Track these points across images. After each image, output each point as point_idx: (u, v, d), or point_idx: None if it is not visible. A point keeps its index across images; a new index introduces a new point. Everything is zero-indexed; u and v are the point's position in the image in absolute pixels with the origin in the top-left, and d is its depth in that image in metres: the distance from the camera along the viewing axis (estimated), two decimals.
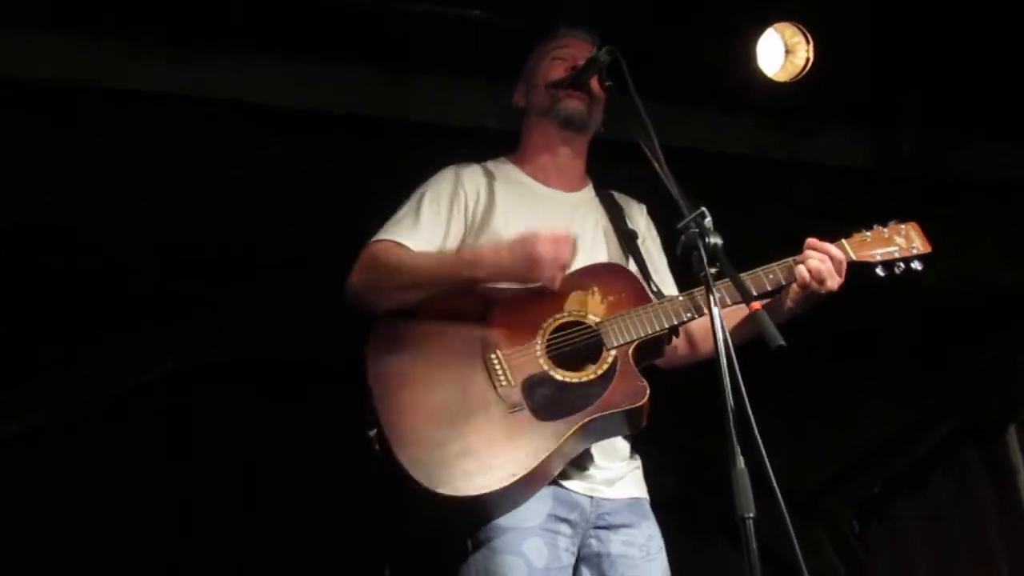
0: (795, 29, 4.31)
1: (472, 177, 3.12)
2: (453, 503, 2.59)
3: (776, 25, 4.32)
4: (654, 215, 3.29)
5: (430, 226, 2.99)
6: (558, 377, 2.75)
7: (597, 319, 2.84)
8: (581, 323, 2.85)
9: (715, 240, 2.43)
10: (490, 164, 3.22)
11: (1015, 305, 5.55)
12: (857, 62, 4.51)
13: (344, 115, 4.41)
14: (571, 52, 3.20)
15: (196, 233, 4.55)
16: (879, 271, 2.95)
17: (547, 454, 2.65)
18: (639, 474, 2.98)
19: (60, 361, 4.72)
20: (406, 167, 4.40)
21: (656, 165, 2.70)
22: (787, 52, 4.34)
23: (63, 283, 4.57)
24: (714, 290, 2.40)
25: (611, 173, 3.31)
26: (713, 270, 2.42)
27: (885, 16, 4.41)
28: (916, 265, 2.97)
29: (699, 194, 2.59)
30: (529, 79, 3.27)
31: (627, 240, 3.15)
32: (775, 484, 2.14)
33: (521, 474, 2.62)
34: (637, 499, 2.93)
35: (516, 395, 2.72)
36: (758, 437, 2.15)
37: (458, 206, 3.04)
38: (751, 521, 2.13)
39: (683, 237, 2.46)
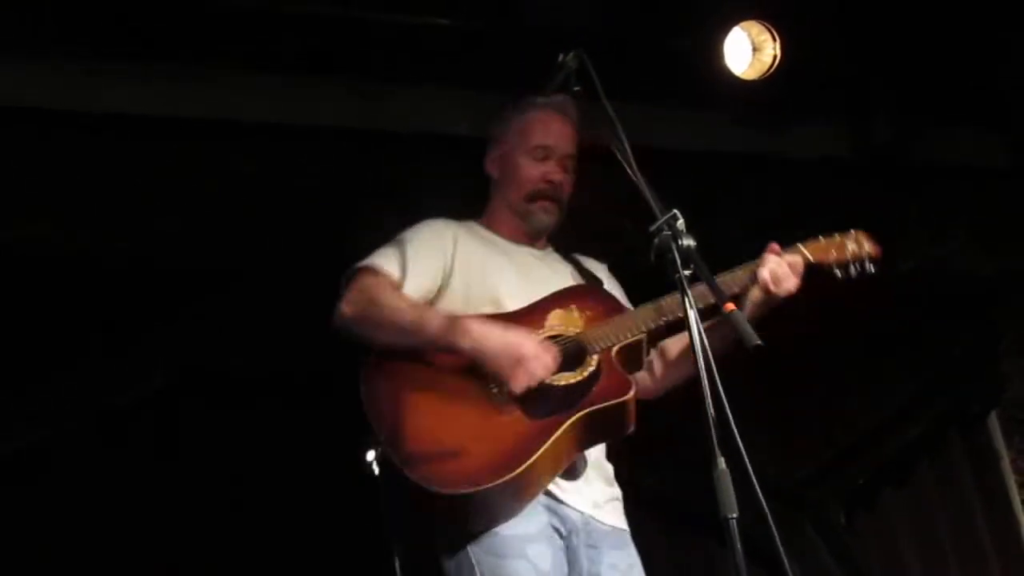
0: (761, 27, 4.34)
1: (451, 227, 3.16)
2: (454, 505, 2.64)
3: (742, 24, 4.34)
4: (615, 272, 3.37)
5: (417, 265, 3.01)
6: (546, 381, 2.79)
7: (578, 331, 2.93)
8: (562, 335, 2.92)
9: (688, 242, 2.44)
10: (461, 222, 3.25)
11: (994, 291, 5.57)
12: (825, 55, 4.54)
13: (321, 128, 4.42)
14: (552, 146, 3.22)
15: (181, 248, 4.53)
16: (837, 272, 3.08)
17: (542, 449, 2.69)
18: (621, 505, 3.03)
19: (46, 378, 4.70)
20: (385, 177, 4.47)
21: (627, 168, 2.72)
22: (754, 50, 4.37)
23: (49, 300, 4.55)
24: (689, 292, 2.41)
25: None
26: (687, 272, 2.43)
27: (851, 8, 4.44)
28: (870, 267, 3.10)
29: (672, 195, 2.60)
30: (505, 158, 3.27)
31: (594, 283, 3.23)
32: (755, 482, 2.15)
33: (518, 469, 2.66)
34: (621, 530, 2.98)
35: (508, 399, 2.77)
36: (738, 437, 2.16)
37: (441, 252, 3.08)
38: (735, 521, 2.14)
39: (656, 240, 2.47)
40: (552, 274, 3.18)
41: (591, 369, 2.85)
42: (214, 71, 4.23)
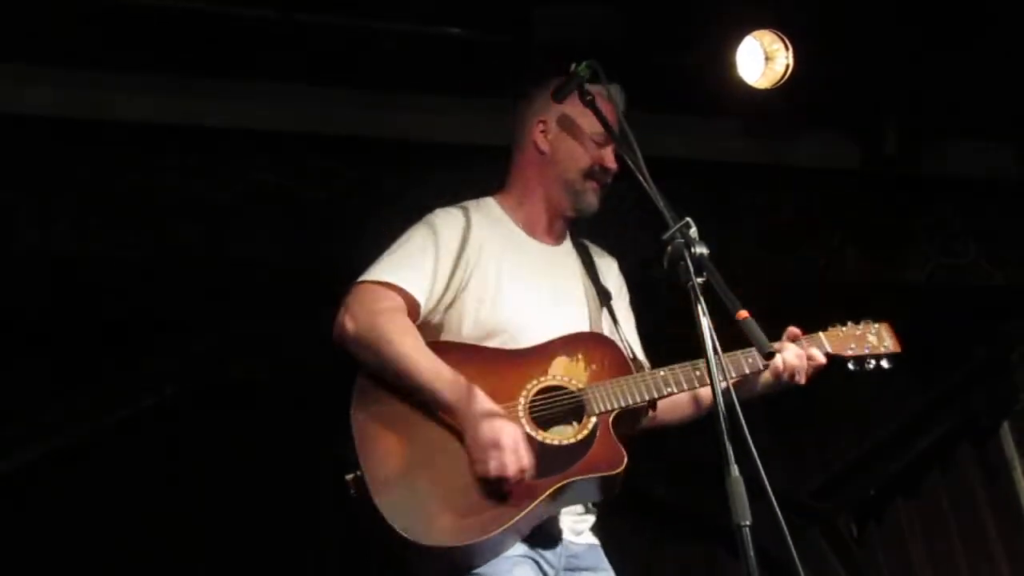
0: (774, 36, 4.33)
1: (465, 223, 3.07)
2: (430, 553, 2.62)
3: (755, 33, 4.34)
4: (624, 270, 3.32)
5: (426, 271, 2.94)
6: (538, 438, 2.76)
7: (580, 385, 2.87)
8: (564, 388, 2.87)
9: (701, 250, 2.44)
10: (476, 205, 3.16)
11: (1004, 302, 5.56)
12: (837, 66, 4.55)
13: (333, 136, 4.43)
14: (611, 134, 3.05)
15: (191, 260, 4.54)
16: (850, 365, 3.11)
17: (522, 513, 2.67)
18: (595, 522, 3.00)
19: (59, 391, 4.71)
20: (395, 186, 4.48)
21: (640, 177, 2.72)
22: (767, 59, 4.36)
23: (59, 313, 4.56)
24: (702, 300, 2.41)
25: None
26: (700, 280, 2.43)
27: (863, 18, 4.44)
28: (885, 363, 3.13)
29: (685, 203, 2.61)
30: (564, 136, 3.14)
31: (602, 298, 3.16)
32: (770, 490, 2.14)
33: (495, 531, 2.64)
34: (596, 546, 2.97)
35: None
36: (751, 444, 2.17)
37: (452, 254, 2.99)
38: (748, 529, 2.14)
39: (669, 248, 2.47)
40: (564, 284, 3.11)
41: (586, 432, 2.79)
42: (225, 80, 4.26)
